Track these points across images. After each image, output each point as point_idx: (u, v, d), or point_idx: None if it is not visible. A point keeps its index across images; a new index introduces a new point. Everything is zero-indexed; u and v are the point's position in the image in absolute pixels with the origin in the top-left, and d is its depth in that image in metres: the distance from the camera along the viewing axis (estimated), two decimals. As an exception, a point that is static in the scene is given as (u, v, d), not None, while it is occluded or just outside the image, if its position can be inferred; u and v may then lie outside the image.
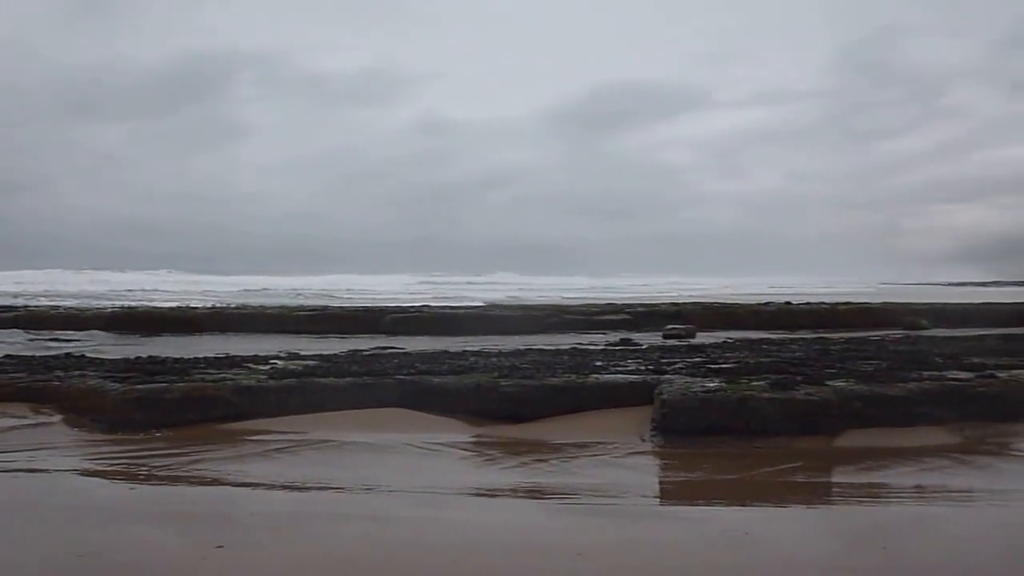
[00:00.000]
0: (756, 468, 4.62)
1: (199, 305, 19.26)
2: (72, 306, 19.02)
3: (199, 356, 8.00)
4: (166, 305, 19.28)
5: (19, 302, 20.79)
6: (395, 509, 3.95)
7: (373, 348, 9.29)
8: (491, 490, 4.29)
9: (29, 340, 12.53)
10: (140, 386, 5.80)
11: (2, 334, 13.33)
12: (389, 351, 8.79)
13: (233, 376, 6.24)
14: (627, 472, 4.61)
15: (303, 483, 4.34)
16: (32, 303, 20.67)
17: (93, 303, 21.07)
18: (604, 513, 3.91)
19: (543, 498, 4.17)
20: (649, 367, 6.68)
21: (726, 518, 3.88)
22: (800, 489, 4.39)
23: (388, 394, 6.01)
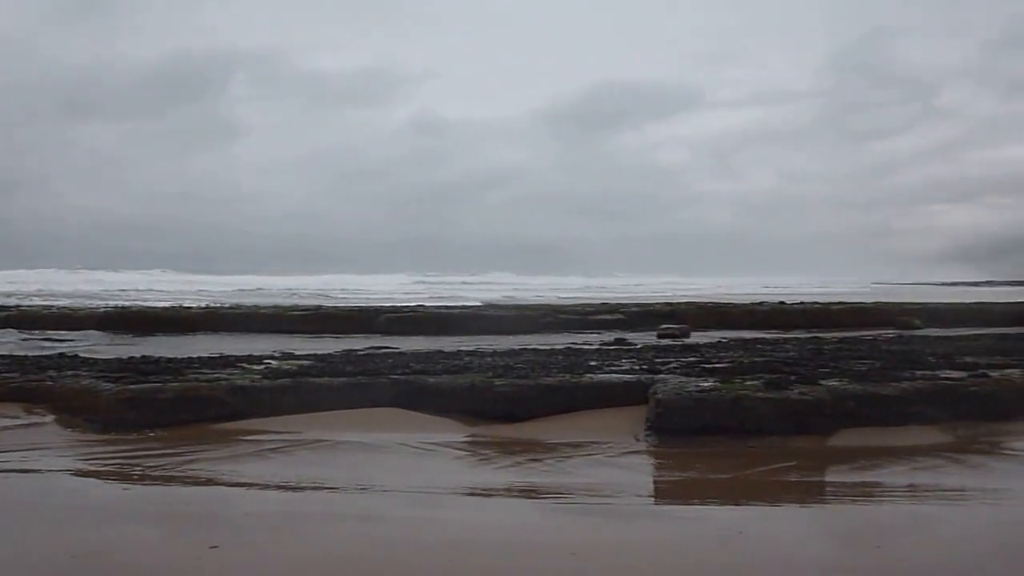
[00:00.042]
0: (750, 467, 4.63)
1: (193, 305, 19.22)
2: (65, 306, 18.96)
3: (193, 356, 7.98)
4: (160, 305, 19.23)
5: (12, 302, 20.71)
6: (390, 509, 3.95)
7: (368, 348, 9.28)
8: (486, 490, 4.29)
9: (22, 340, 12.49)
10: (133, 386, 5.78)
11: (-5, 334, 13.28)
12: (384, 351, 8.78)
13: (227, 376, 6.23)
14: (621, 472, 4.62)
15: (297, 483, 4.34)
16: (25, 303, 20.60)
17: (87, 303, 21.00)
18: (599, 513, 3.91)
19: (538, 498, 4.17)
20: (643, 367, 6.68)
21: (720, 517, 3.89)
22: (794, 488, 4.41)
23: (383, 394, 6.01)
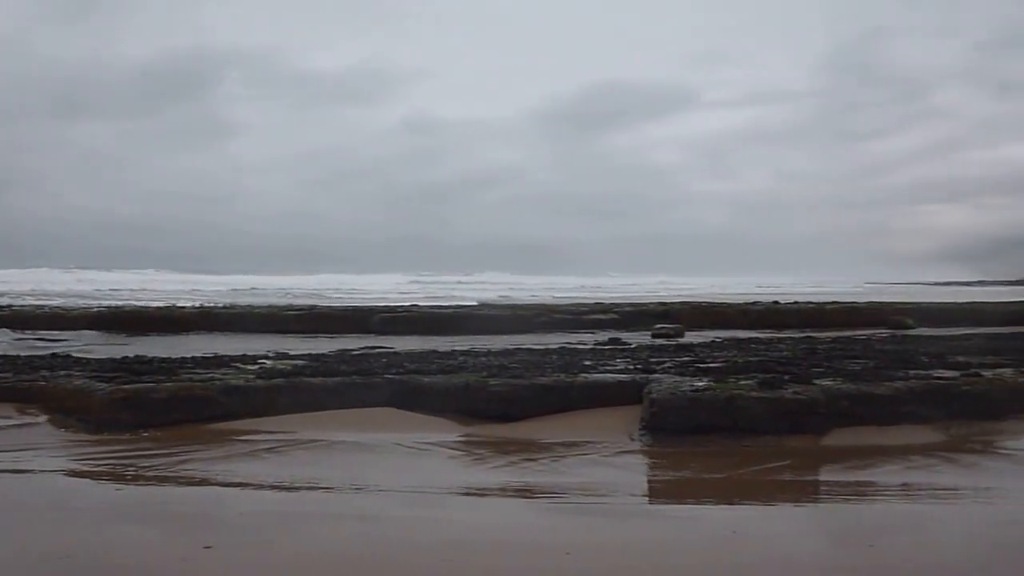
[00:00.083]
0: (744, 467, 4.64)
1: (187, 305, 19.16)
2: (58, 305, 18.88)
3: (187, 356, 7.96)
4: (153, 305, 19.16)
5: (4, 301, 20.62)
6: (385, 509, 3.95)
7: (362, 348, 9.27)
8: (480, 489, 4.29)
9: (15, 340, 12.44)
10: (127, 386, 5.76)
11: (-13, 334, 13.22)
12: (378, 351, 8.77)
13: (221, 376, 6.21)
14: (616, 471, 4.62)
15: (292, 483, 4.33)
16: (18, 303, 20.50)
17: (80, 302, 20.92)
18: (593, 512, 3.92)
19: (532, 497, 4.17)
20: (638, 366, 6.69)
21: (714, 517, 3.90)
22: (788, 487, 4.42)
23: (377, 394, 6.00)
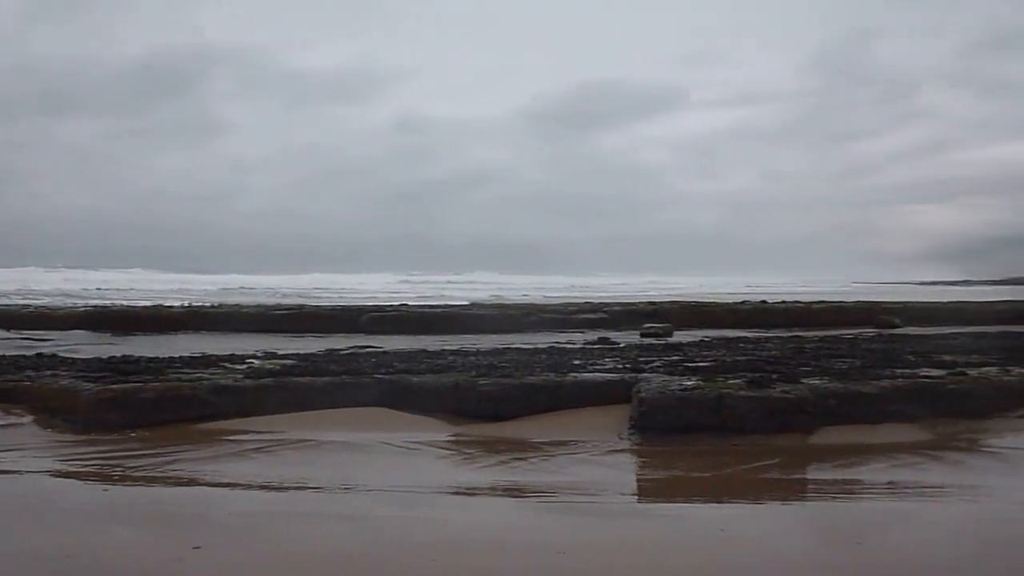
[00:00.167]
0: (733, 465, 4.66)
1: (175, 304, 19.04)
2: (44, 305, 18.74)
3: (174, 355, 7.92)
4: (140, 304, 19.04)
5: (-11, 301, 20.45)
6: (374, 508, 3.95)
7: (351, 347, 9.25)
8: (470, 489, 4.29)
9: (1, 339, 12.34)
10: (114, 386, 5.73)
11: (-28, 334, 13.11)
12: (367, 350, 8.76)
13: (209, 375, 6.19)
14: (605, 470, 4.63)
15: (281, 483, 4.32)
16: (3, 302, 20.33)
17: (67, 302, 20.77)
18: (583, 511, 3.93)
19: (522, 496, 4.18)
20: (627, 366, 6.71)
21: (703, 515, 3.92)
22: (776, 486, 4.44)
23: (367, 393, 5.99)
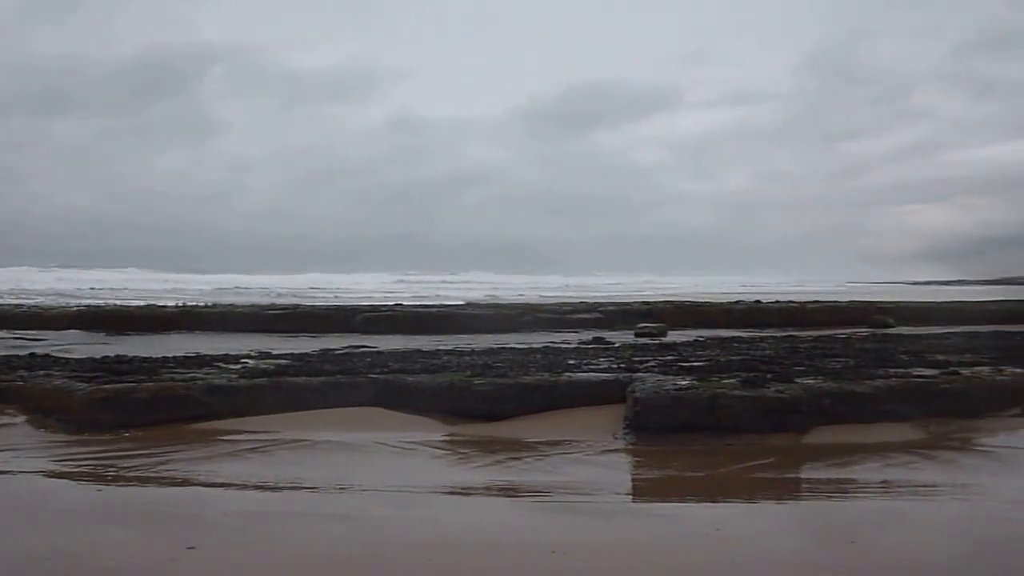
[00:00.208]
0: (727, 465, 4.68)
1: (169, 303, 18.98)
2: (37, 304, 18.67)
3: (168, 355, 7.90)
4: (134, 304, 18.98)
5: (-18, 301, 20.36)
6: (369, 508, 3.94)
7: (345, 347, 9.23)
8: (465, 488, 4.30)
9: (-8, 339, 12.29)
10: (107, 386, 5.71)
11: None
12: (362, 350, 8.75)
13: (203, 375, 6.18)
14: (600, 470, 4.64)
15: (276, 483, 4.31)
16: (-4, 302, 20.25)
17: (60, 301, 20.70)
18: (578, 510, 3.93)
19: (517, 496, 4.18)
20: (621, 365, 6.72)
21: (697, 515, 3.93)
22: (770, 485, 4.46)
23: (361, 393, 5.98)
